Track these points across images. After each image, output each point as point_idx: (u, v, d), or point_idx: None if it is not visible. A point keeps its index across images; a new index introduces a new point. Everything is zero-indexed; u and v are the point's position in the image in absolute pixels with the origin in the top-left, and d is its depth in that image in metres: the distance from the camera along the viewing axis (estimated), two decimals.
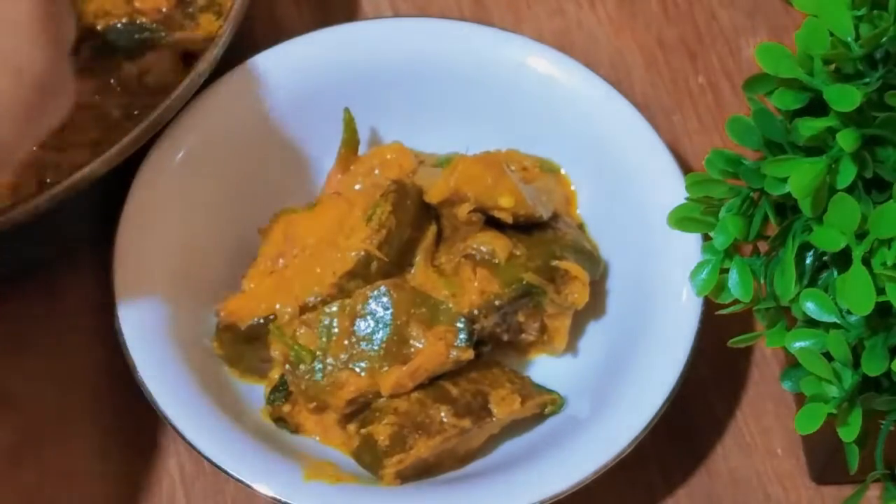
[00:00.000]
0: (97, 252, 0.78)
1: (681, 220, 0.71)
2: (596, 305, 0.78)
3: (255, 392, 0.77)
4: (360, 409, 0.74)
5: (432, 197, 0.75)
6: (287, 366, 0.73)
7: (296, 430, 0.75)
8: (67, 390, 0.79)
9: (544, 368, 0.78)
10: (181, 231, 0.78)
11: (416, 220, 0.76)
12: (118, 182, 0.77)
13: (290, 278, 0.75)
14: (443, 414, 0.73)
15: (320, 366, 0.73)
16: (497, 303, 0.74)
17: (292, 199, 0.79)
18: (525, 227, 0.76)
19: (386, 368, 0.73)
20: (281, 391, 0.75)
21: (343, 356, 0.73)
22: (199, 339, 0.77)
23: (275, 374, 0.76)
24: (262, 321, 0.75)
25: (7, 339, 0.81)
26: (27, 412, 0.79)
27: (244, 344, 0.76)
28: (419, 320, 0.73)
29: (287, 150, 0.82)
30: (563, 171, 0.82)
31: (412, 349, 0.73)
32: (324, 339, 0.73)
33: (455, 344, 0.73)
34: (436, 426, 0.72)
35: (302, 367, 0.73)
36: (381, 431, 0.72)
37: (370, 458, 0.72)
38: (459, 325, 0.73)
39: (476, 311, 0.74)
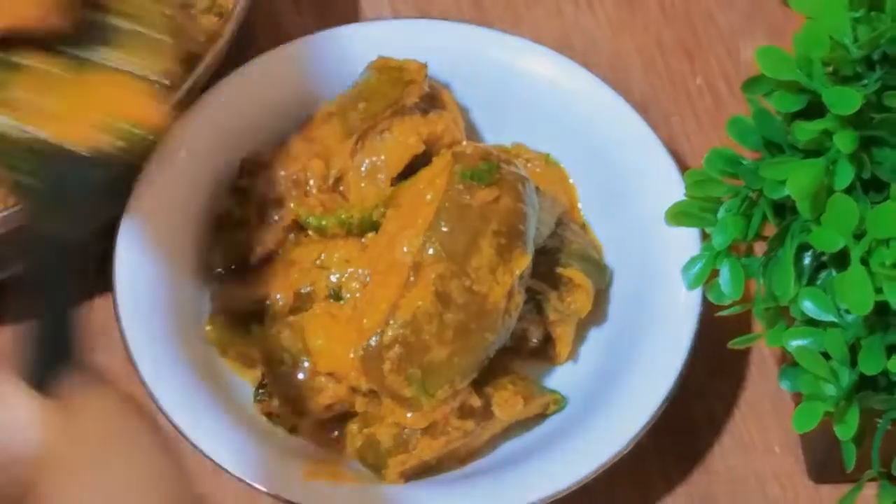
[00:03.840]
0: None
1: (677, 213, 0.71)
2: (595, 305, 0.78)
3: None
4: (340, 416, 0.74)
5: None
6: (268, 366, 0.74)
7: (292, 430, 0.75)
8: None
9: (544, 367, 0.78)
10: (182, 231, 0.78)
11: None
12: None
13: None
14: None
15: (301, 369, 0.73)
16: None
17: None
18: None
19: None
20: (265, 389, 0.75)
21: None
22: (199, 339, 0.77)
23: (258, 372, 0.76)
24: (257, 305, 0.75)
25: (7, 339, 0.81)
26: None
27: (236, 329, 0.76)
28: None
29: None
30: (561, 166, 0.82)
31: None
32: None
33: None
34: (439, 428, 0.72)
35: (282, 368, 0.73)
36: (385, 432, 0.72)
37: (373, 458, 0.72)
38: None
39: None
